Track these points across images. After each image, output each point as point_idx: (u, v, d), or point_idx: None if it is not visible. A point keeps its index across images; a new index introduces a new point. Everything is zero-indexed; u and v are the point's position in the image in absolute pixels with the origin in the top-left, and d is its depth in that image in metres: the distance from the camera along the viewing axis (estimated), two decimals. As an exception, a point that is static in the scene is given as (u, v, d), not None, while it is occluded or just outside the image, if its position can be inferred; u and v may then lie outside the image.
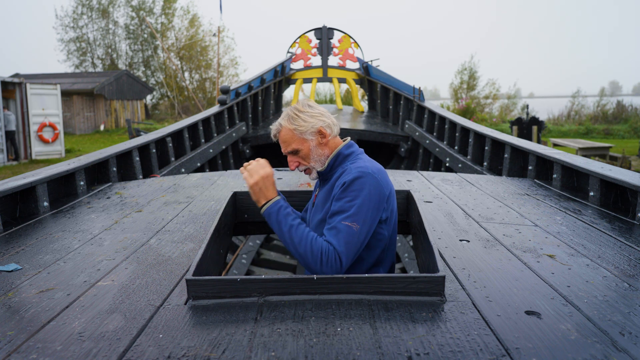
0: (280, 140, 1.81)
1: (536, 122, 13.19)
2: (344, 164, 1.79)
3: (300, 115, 1.78)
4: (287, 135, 1.79)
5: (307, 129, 1.77)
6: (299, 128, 1.77)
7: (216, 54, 27.91)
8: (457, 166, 5.22)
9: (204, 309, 1.35)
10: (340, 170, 1.78)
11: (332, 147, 1.82)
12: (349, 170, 1.71)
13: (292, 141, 1.78)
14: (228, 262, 4.75)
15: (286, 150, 1.81)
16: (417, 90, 7.37)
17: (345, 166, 1.77)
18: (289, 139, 1.79)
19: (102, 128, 23.41)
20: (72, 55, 32.88)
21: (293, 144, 1.78)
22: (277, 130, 1.81)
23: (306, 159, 1.80)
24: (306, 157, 1.79)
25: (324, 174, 1.83)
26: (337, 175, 1.76)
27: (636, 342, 1.17)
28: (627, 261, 1.75)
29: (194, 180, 3.39)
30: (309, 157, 1.79)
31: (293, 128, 1.77)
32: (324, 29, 9.85)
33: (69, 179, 3.16)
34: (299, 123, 1.77)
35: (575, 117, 22.53)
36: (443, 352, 1.10)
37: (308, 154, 1.78)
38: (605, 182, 2.69)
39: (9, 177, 4.08)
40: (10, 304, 1.43)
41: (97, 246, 1.98)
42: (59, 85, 15.04)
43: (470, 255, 1.79)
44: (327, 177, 1.83)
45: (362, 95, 12.99)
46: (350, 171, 1.69)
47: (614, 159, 11.03)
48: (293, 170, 1.85)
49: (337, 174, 1.77)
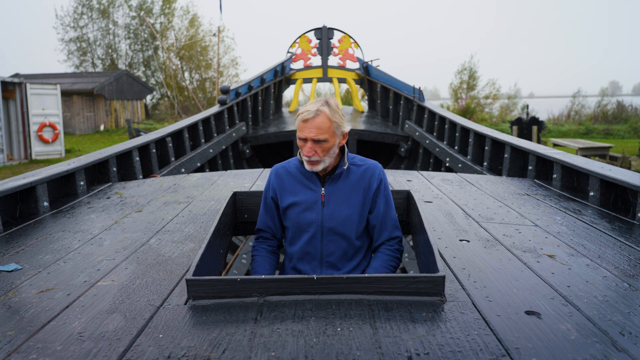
0: (313, 125, 1.78)
1: (536, 122, 13.19)
2: (350, 161, 1.95)
3: (339, 111, 1.84)
4: (324, 123, 1.79)
5: (341, 127, 1.84)
6: (337, 122, 1.82)
7: (216, 54, 27.92)
8: (457, 166, 5.22)
9: (204, 309, 1.35)
10: (351, 167, 1.92)
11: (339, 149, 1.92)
12: (371, 166, 1.95)
13: (327, 131, 1.80)
14: (228, 262, 4.75)
15: (315, 137, 1.78)
16: (417, 90, 7.37)
17: (353, 162, 1.95)
18: (325, 127, 1.79)
19: (102, 128, 23.40)
20: (72, 55, 32.87)
21: (326, 133, 1.80)
22: (315, 113, 1.78)
23: (325, 152, 1.83)
24: (327, 150, 1.83)
25: (338, 172, 1.91)
26: (355, 171, 1.92)
27: (636, 342, 1.17)
28: (627, 261, 1.74)
29: (194, 180, 3.39)
30: (329, 151, 1.84)
31: (334, 119, 1.81)
32: (324, 29, 9.85)
33: (69, 179, 3.16)
34: (339, 118, 1.83)
35: (575, 117, 22.52)
36: (443, 352, 1.10)
37: (330, 148, 1.83)
38: (605, 182, 2.69)
39: (9, 177, 4.08)
40: (10, 304, 1.43)
41: (97, 246, 1.98)
42: (59, 85, 15.03)
43: (470, 255, 1.79)
44: (341, 174, 1.91)
45: (362, 95, 12.99)
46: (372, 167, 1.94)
47: (614, 159, 11.02)
48: (309, 156, 1.82)
49: (352, 170, 1.92)
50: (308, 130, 1.79)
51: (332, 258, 1.92)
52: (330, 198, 1.90)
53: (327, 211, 1.90)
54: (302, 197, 1.93)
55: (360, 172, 1.92)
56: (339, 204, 1.90)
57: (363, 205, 1.91)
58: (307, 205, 1.93)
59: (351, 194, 1.90)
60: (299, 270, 1.95)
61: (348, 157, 1.95)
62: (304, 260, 1.94)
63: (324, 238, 1.91)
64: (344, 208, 1.89)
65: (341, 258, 1.92)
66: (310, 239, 1.91)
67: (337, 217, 1.89)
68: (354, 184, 1.91)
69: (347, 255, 1.92)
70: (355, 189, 1.91)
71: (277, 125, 8.22)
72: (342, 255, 1.92)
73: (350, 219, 1.89)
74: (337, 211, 1.89)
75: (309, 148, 1.81)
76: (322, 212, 1.90)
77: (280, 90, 9.82)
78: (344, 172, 1.91)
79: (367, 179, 1.91)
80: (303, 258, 1.94)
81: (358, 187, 1.91)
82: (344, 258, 1.92)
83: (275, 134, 7.64)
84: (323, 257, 1.92)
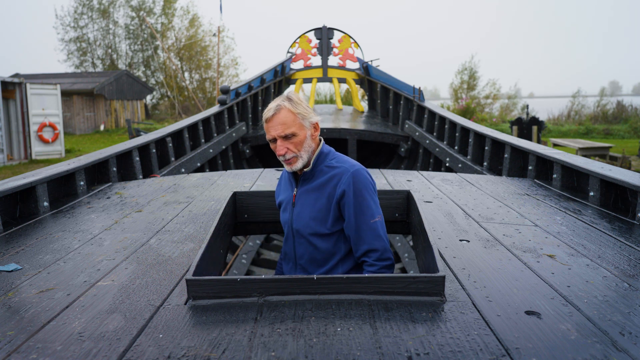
0: (277, 122, 1.72)
1: (536, 122, 13.19)
2: (325, 162, 1.82)
3: (301, 102, 1.77)
4: (287, 117, 1.72)
5: (307, 117, 1.76)
6: (302, 113, 1.74)
7: (216, 54, 27.91)
8: (457, 166, 5.22)
9: (204, 309, 1.35)
10: (323, 168, 1.80)
11: (316, 145, 1.83)
12: (342, 170, 1.77)
13: (293, 124, 1.73)
14: (228, 262, 4.75)
15: (282, 133, 1.72)
16: (417, 90, 7.37)
17: (329, 163, 1.81)
18: (289, 121, 1.72)
19: (102, 128, 23.40)
20: (72, 55, 32.87)
21: (293, 127, 1.73)
22: (276, 110, 1.72)
23: (298, 147, 1.75)
24: (299, 144, 1.75)
25: (308, 172, 1.82)
26: (325, 173, 1.79)
27: (636, 342, 1.17)
28: (627, 261, 1.74)
29: (194, 180, 3.39)
30: (302, 145, 1.76)
31: (296, 112, 1.74)
32: (324, 29, 9.85)
33: (69, 179, 3.16)
34: (302, 109, 1.75)
35: (575, 117, 22.51)
36: (443, 352, 1.10)
37: (302, 141, 1.76)
38: (605, 182, 2.69)
39: (9, 177, 4.08)
40: (10, 304, 1.43)
41: (97, 246, 1.98)
42: (59, 85, 15.03)
43: (470, 255, 1.79)
44: (310, 175, 1.82)
45: (362, 95, 12.99)
46: (341, 172, 1.77)
47: (614, 159, 11.02)
48: (282, 154, 1.75)
49: (323, 172, 1.80)
50: (274, 129, 1.73)
51: (302, 261, 1.86)
52: (299, 199, 1.84)
53: (295, 212, 1.85)
54: (283, 197, 1.95)
55: (328, 177, 1.79)
56: (304, 206, 1.82)
57: (327, 211, 1.78)
58: (284, 206, 1.93)
59: (317, 197, 1.80)
60: (282, 270, 1.99)
61: (328, 156, 1.84)
62: (286, 259, 1.97)
63: (295, 240, 1.87)
64: (308, 210, 1.81)
65: (310, 262, 1.85)
66: (286, 239, 1.92)
67: (301, 220, 1.82)
68: (320, 186, 1.80)
69: (315, 260, 1.84)
70: (320, 192, 1.79)
71: None
72: (310, 259, 1.84)
73: (313, 222, 1.80)
74: (302, 213, 1.82)
75: (280, 146, 1.74)
76: (292, 213, 1.86)
77: (280, 91, 9.82)
78: (316, 172, 1.81)
79: (333, 185, 1.77)
80: (285, 258, 1.97)
81: (323, 190, 1.79)
82: (313, 262, 1.84)
83: None
84: (297, 259, 1.89)
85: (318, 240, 1.81)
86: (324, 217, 1.79)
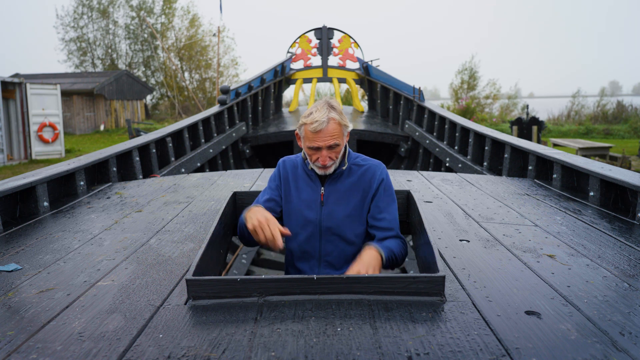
0: (327, 134, 1.77)
1: (536, 122, 13.18)
2: (351, 160, 1.94)
3: (342, 111, 1.83)
4: (336, 129, 1.78)
5: (347, 128, 1.85)
6: (345, 124, 1.82)
7: (216, 54, 27.92)
8: (457, 166, 5.22)
9: (204, 309, 1.35)
10: (352, 167, 1.92)
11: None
12: (371, 166, 1.92)
13: (339, 136, 1.80)
14: (228, 262, 4.75)
15: (330, 143, 1.78)
16: (417, 90, 7.37)
17: (355, 162, 1.93)
18: (338, 133, 1.79)
19: (102, 128, 23.40)
20: (72, 55, 32.87)
21: (339, 138, 1.80)
22: (326, 121, 1.76)
23: (338, 154, 1.84)
24: (339, 152, 1.84)
25: (338, 172, 1.90)
26: (355, 171, 1.91)
27: (636, 342, 1.17)
28: (627, 261, 1.74)
29: (194, 180, 3.40)
30: (340, 152, 1.85)
31: (343, 123, 1.81)
32: (324, 29, 9.85)
33: (69, 179, 3.16)
34: (345, 120, 1.82)
35: (575, 117, 22.51)
36: (443, 352, 1.10)
37: (341, 150, 1.85)
38: (605, 182, 2.69)
39: (9, 177, 4.08)
40: (10, 304, 1.43)
41: (97, 246, 1.98)
42: (59, 85, 15.02)
43: (470, 255, 1.79)
44: (339, 174, 1.90)
45: (362, 95, 12.99)
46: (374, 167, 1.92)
47: (614, 159, 11.02)
48: (325, 164, 1.82)
49: (352, 170, 1.91)
50: (322, 140, 1.78)
51: (330, 257, 1.91)
52: (329, 198, 1.90)
53: (326, 211, 1.89)
54: (303, 195, 1.93)
55: (361, 172, 1.90)
56: (337, 204, 1.89)
57: (362, 206, 1.89)
58: (307, 204, 1.93)
59: (350, 194, 1.89)
60: (298, 269, 1.96)
61: (352, 156, 1.94)
62: (302, 258, 1.95)
63: (322, 238, 1.91)
64: (342, 208, 1.88)
65: (339, 258, 1.91)
66: (309, 237, 1.91)
67: (335, 218, 1.88)
68: (353, 184, 1.89)
69: (345, 255, 1.91)
70: (354, 190, 1.89)
71: (277, 125, 8.23)
72: (340, 255, 1.91)
73: (348, 220, 1.88)
74: (335, 211, 1.88)
75: (325, 156, 1.80)
76: (321, 212, 1.90)
77: (280, 90, 9.82)
78: (344, 172, 1.91)
79: (368, 179, 1.89)
80: (302, 257, 1.95)
81: (358, 187, 1.89)
82: (342, 258, 1.91)
83: (275, 134, 7.65)
84: (321, 257, 1.92)
85: (352, 236, 1.89)
86: (358, 214, 1.89)
